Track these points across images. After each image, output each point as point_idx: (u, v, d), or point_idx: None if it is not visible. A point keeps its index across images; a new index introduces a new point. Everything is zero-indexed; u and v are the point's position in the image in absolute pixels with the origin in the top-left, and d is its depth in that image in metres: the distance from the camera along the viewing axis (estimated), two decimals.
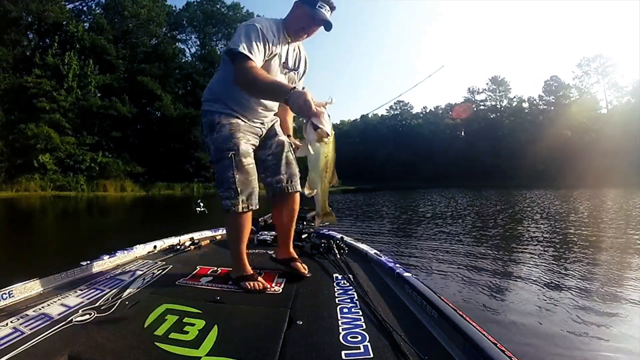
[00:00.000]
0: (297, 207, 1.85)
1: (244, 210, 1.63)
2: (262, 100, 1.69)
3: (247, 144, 1.66)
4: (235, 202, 1.61)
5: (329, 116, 1.35)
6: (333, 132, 1.35)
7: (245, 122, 1.69)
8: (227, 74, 1.62)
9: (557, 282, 3.32)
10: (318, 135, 1.31)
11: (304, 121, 1.36)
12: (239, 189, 1.60)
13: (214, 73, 1.83)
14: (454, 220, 8.61)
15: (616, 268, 3.90)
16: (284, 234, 1.89)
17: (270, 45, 1.59)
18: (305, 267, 1.79)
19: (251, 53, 1.50)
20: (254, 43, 1.52)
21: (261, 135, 1.78)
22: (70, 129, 25.60)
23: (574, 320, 2.44)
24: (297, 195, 1.83)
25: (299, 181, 1.82)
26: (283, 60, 1.70)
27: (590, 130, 43.18)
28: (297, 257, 1.84)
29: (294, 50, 1.77)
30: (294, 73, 1.78)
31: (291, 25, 1.66)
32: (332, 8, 1.61)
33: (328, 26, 1.61)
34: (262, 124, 1.77)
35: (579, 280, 3.35)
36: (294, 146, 1.86)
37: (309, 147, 1.34)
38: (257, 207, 1.68)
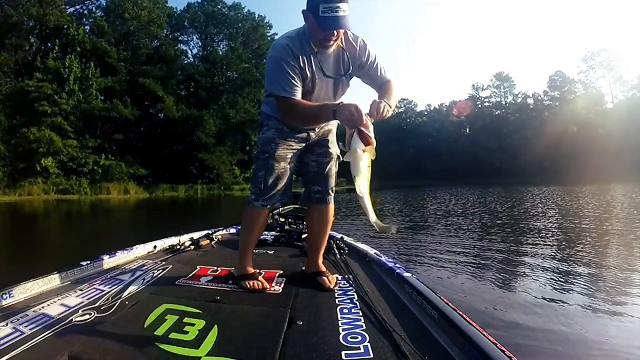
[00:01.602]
0: (331, 219, 1.82)
1: (262, 207, 1.69)
2: None
3: (285, 149, 1.67)
4: (257, 198, 1.68)
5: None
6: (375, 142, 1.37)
7: (289, 129, 1.68)
8: None
9: (564, 281, 3.28)
10: (366, 144, 1.33)
11: (348, 131, 1.37)
12: (264, 190, 1.66)
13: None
14: (465, 218, 8.55)
15: (629, 266, 3.80)
16: (313, 245, 1.84)
17: (301, 67, 1.52)
18: (332, 279, 1.70)
19: (287, 91, 1.49)
20: (285, 78, 1.49)
21: (308, 139, 1.74)
22: (72, 132, 25.61)
23: (579, 320, 2.41)
24: (332, 207, 1.81)
25: (333, 195, 1.80)
26: (318, 70, 1.57)
27: (596, 125, 42.65)
28: (324, 270, 1.76)
29: (337, 52, 1.60)
30: (343, 78, 1.65)
31: (312, 36, 1.52)
32: (342, 1, 1.36)
33: (343, 27, 1.42)
34: (310, 130, 1.73)
35: (587, 280, 3.29)
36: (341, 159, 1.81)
37: (357, 155, 1.34)
38: (276, 207, 1.72)
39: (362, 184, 1.35)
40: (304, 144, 1.74)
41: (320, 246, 1.81)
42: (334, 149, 1.81)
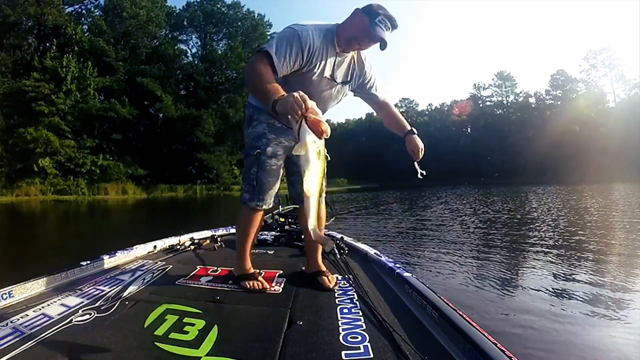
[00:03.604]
0: (324, 218, 1.82)
1: (257, 207, 1.66)
2: None
3: (277, 145, 1.65)
4: (251, 198, 1.65)
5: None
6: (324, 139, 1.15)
7: (280, 125, 1.65)
8: None
9: (567, 281, 3.27)
10: (318, 135, 1.12)
11: (294, 125, 1.16)
12: (257, 187, 1.63)
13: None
14: (466, 218, 8.52)
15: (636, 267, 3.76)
16: (311, 245, 1.83)
17: (309, 52, 1.47)
18: (332, 279, 1.70)
19: (274, 54, 1.42)
20: (283, 46, 1.43)
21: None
22: (69, 132, 25.45)
23: (581, 320, 2.40)
24: (324, 206, 1.81)
25: (324, 193, 1.75)
26: (329, 72, 1.56)
27: (598, 124, 42.64)
28: (324, 270, 1.75)
29: (349, 61, 1.64)
30: (346, 85, 1.69)
31: (344, 31, 1.51)
32: (394, 27, 1.47)
33: (383, 45, 1.46)
34: None
35: (591, 280, 3.27)
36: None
37: (307, 146, 1.11)
38: (271, 206, 1.72)
39: (312, 180, 1.13)
40: (293, 142, 1.72)
41: (317, 246, 1.80)
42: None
